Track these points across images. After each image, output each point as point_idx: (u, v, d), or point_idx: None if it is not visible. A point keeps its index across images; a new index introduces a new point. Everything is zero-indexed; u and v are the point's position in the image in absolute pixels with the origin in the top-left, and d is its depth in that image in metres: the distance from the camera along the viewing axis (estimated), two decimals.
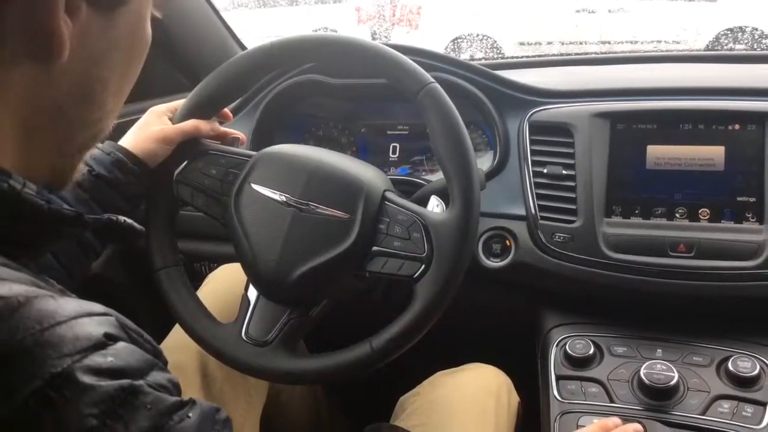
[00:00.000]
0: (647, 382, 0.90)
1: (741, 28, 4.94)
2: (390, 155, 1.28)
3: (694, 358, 0.96)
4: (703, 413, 0.88)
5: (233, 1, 4.60)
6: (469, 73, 1.19)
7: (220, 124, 0.98)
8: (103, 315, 0.45)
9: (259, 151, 0.91)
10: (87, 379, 0.40)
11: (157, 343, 0.50)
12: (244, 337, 0.87)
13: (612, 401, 0.92)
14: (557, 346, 1.02)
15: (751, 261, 0.95)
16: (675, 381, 0.90)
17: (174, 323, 0.96)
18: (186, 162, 0.92)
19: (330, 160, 0.88)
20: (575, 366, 0.98)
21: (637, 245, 1.00)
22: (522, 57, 1.70)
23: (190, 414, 0.46)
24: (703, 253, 0.98)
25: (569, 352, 0.98)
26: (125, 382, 0.42)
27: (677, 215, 1.02)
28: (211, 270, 1.13)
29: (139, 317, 0.50)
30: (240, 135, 1.01)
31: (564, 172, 1.05)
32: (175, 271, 0.92)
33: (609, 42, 5.39)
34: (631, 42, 5.16)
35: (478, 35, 5.74)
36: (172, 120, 0.94)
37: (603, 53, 1.78)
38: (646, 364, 0.92)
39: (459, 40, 5.67)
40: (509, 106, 1.16)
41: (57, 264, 0.82)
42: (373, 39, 1.01)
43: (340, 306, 0.90)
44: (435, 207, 0.88)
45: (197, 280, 1.06)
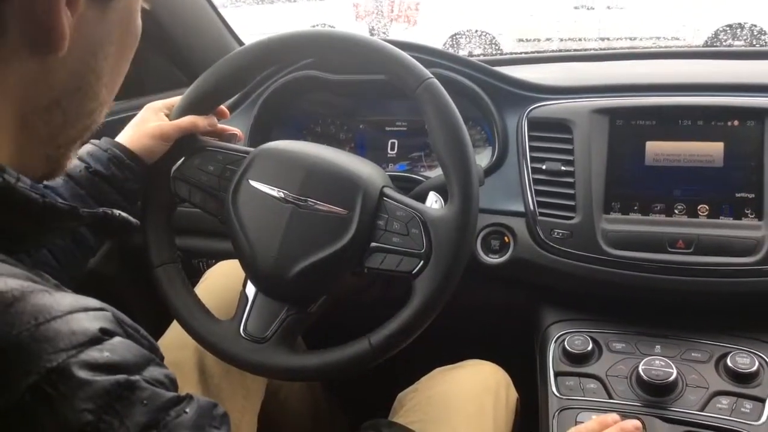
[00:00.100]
0: (646, 378, 0.90)
1: (740, 24, 4.94)
2: (388, 151, 1.27)
3: (692, 354, 0.96)
4: (702, 409, 0.88)
5: None
6: (468, 69, 1.18)
7: (217, 120, 0.98)
8: (99, 310, 0.45)
9: (257, 148, 0.90)
10: (83, 374, 0.40)
11: (155, 340, 0.50)
12: (242, 334, 0.87)
13: (610, 397, 0.92)
14: (556, 342, 1.02)
15: (750, 257, 0.95)
16: (673, 377, 0.90)
17: (171, 320, 0.96)
18: (183, 158, 0.92)
19: (328, 156, 0.88)
20: (574, 362, 0.98)
21: (636, 241, 1.00)
22: (520, 53, 1.70)
23: (187, 409, 0.46)
24: (702, 249, 0.98)
25: (568, 348, 0.98)
26: (121, 377, 0.42)
27: (676, 211, 1.02)
28: (209, 267, 1.13)
29: (136, 314, 0.50)
30: (237, 131, 1.01)
31: (563, 168, 1.05)
32: (173, 268, 0.92)
33: (608, 38, 5.39)
34: (630, 38, 5.15)
35: (476, 31, 5.74)
36: (169, 116, 0.93)
37: (602, 49, 1.77)
38: (644, 360, 0.92)
39: (457, 36, 5.67)
40: (508, 102, 1.16)
41: (53, 260, 0.81)
42: (371, 35, 1.01)
43: (338, 302, 0.89)
44: (434, 203, 0.88)
45: (195, 276, 1.06)
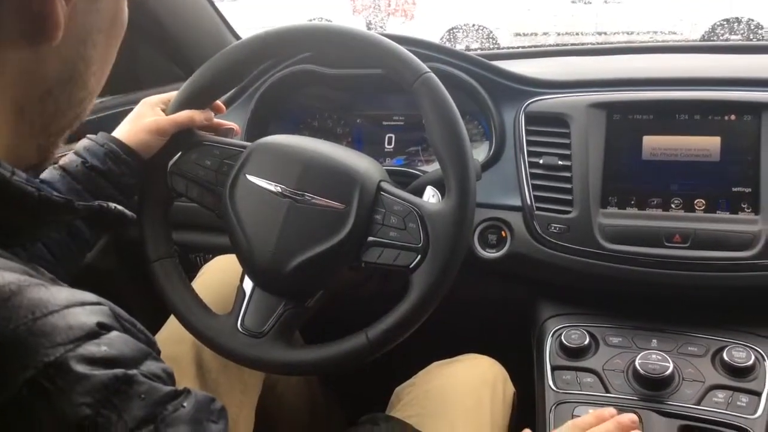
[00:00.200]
0: (642, 372, 0.90)
1: (737, 18, 4.94)
2: (385, 146, 1.27)
3: (689, 348, 0.96)
4: (698, 403, 0.89)
5: None
6: (465, 64, 1.18)
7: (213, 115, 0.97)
8: (96, 304, 0.45)
9: (254, 142, 0.90)
10: (80, 368, 0.40)
11: (152, 335, 0.50)
12: (239, 328, 0.87)
13: (607, 391, 0.93)
14: (552, 336, 1.02)
15: (747, 251, 0.96)
16: (670, 371, 0.90)
17: (168, 315, 0.96)
18: (180, 153, 0.92)
19: (325, 150, 0.88)
20: (570, 356, 0.98)
21: (633, 236, 1.00)
22: (518, 47, 1.70)
23: (184, 403, 0.46)
24: (699, 244, 0.98)
25: (564, 342, 0.98)
26: (119, 371, 0.42)
27: (673, 206, 1.02)
28: (206, 261, 1.13)
29: (134, 309, 0.50)
30: (234, 126, 1.01)
31: (560, 162, 1.05)
32: (170, 263, 0.92)
33: (605, 32, 5.39)
34: (627, 32, 5.15)
35: (473, 25, 5.74)
36: (165, 111, 0.93)
37: (599, 44, 1.77)
38: (641, 354, 0.93)
39: (455, 30, 5.66)
40: (505, 96, 1.16)
41: (48, 254, 0.81)
42: (369, 29, 1.00)
43: (335, 297, 0.89)
44: (431, 197, 0.88)
45: (192, 271, 1.06)
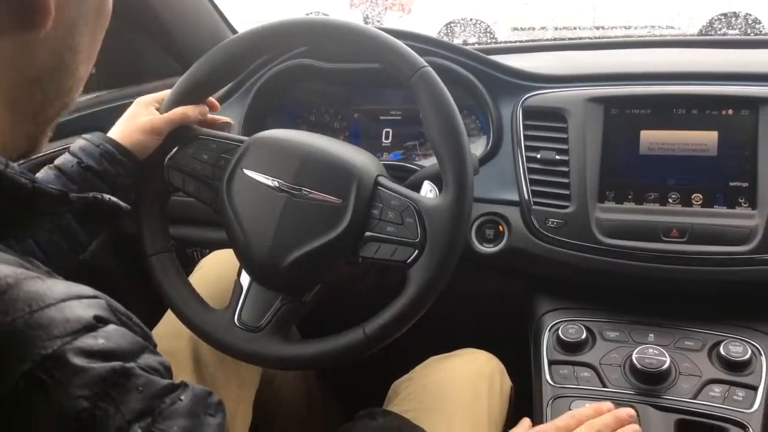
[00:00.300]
0: (639, 366, 0.91)
1: (735, 13, 4.94)
2: (383, 140, 1.27)
3: (686, 342, 0.96)
4: (695, 397, 0.89)
5: None
6: (463, 58, 1.18)
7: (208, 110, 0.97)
8: (93, 298, 0.45)
9: (251, 136, 0.90)
10: (78, 361, 0.40)
11: (149, 330, 0.50)
12: (236, 323, 0.87)
13: (604, 385, 0.93)
14: (550, 331, 1.02)
15: (744, 246, 0.96)
16: (667, 365, 0.90)
17: (165, 310, 0.96)
18: (177, 147, 0.92)
19: (323, 145, 0.88)
20: (568, 351, 0.98)
21: (630, 230, 1.00)
22: (515, 42, 1.69)
23: (182, 397, 0.46)
24: (696, 238, 0.98)
25: (562, 336, 0.99)
26: (116, 364, 0.42)
27: (670, 200, 1.02)
28: (203, 256, 1.12)
29: (130, 303, 0.50)
30: (229, 120, 1.00)
31: (557, 157, 1.05)
32: (167, 257, 0.91)
33: (603, 27, 5.39)
34: (625, 27, 5.15)
35: (471, 20, 5.73)
36: (159, 110, 0.93)
37: (596, 38, 1.77)
38: (638, 348, 0.93)
39: (452, 24, 5.66)
40: (503, 90, 1.16)
41: (39, 253, 0.80)
42: (366, 23, 1.00)
43: (333, 291, 0.89)
44: (428, 192, 0.87)
45: (189, 266, 1.05)
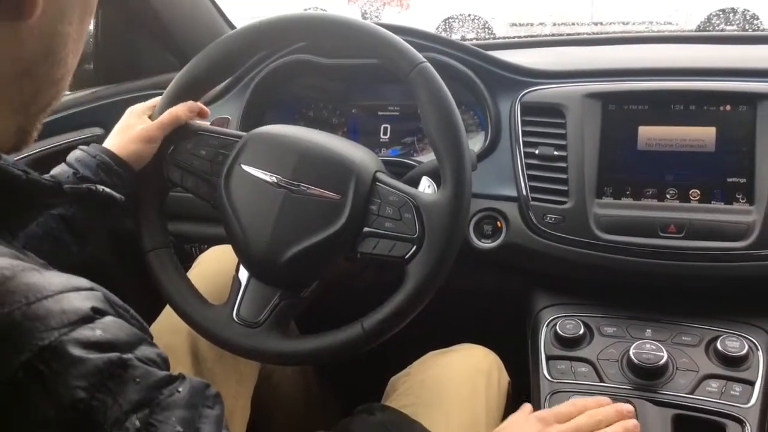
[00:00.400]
0: (636, 361, 0.91)
1: (733, 9, 4.94)
2: (381, 136, 1.27)
3: (683, 337, 0.96)
4: (692, 392, 0.89)
5: None
6: (461, 54, 1.18)
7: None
8: (90, 290, 0.45)
9: (249, 132, 0.90)
10: (76, 352, 0.41)
11: (148, 325, 0.50)
12: (235, 319, 0.87)
13: (601, 381, 0.93)
14: (547, 326, 1.02)
15: (741, 241, 0.96)
16: (664, 361, 0.90)
17: (164, 305, 0.96)
18: (175, 143, 0.92)
19: (321, 140, 0.88)
20: (565, 346, 0.98)
21: (628, 226, 1.01)
22: (513, 37, 1.69)
23: (180, 389, 0.46)
24: (694, 234, 0.98)
25: (559, 332, 0.99)
26: (114, 355, 0.42)
27: (668, 196, 1.02)
28: (202, 252, 1.12)
29: (129, 300, 0.50)
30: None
31: (555, 153, 1.05)
32: (165, 253, 0.91)
33: (601, 23, 5.39)
34: (623, 23, 5.15)
35: (469, 15, 5.73)
36: (151, 117, 0.93)
37: (595, 34, 1.77)
38: (635, 343, 0.93)
39: (450, 20, 5.65)
40: (501, 86, 1.16)
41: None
42: (364, 19, 1.00)
43: (331, 287, 0.90)
44: (426, 188, 0.87)
45: (188, 261, 1.05)
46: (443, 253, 0.80)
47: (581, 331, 0.98)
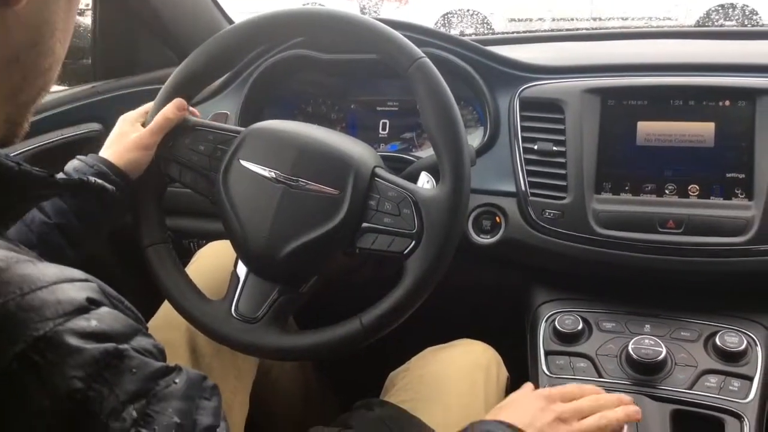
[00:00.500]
0: (635, 357, 0.91)
1: (732, 4, 4.94)
2: (380, 132, 1.27)
3: (681, 333, 0.97)
4: (691, 387, 0.89)
5: None
6: (460, 49, 1.18)
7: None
8: (84, 281, 0.45)
9: (248, 127, 0.90)
10: (72, 341, 0.41)
11: (146, 321, 0.50)
12: (233, 314, 0.87)
13: (600, 376, 0.93)
14: (546, 321, 1.02)
15: (740, 237, 0.96)
16: (663, 356, 0.90)
17: (162, 301, 0.96)
18: (174, 138, 0.91)
19: (320, 136, 0.88)
20: (564, 341, 0.98)
21: (627, 221, 1.01)
22: (512, 33, 1.69)
23: (176, 380, 0.46)
24: (692, 230, 0.98)
25: (558, 327, 0.99)
26: (110, 345, 0.42)
27: (667, 191, 1.02)
28: (200, 247, 1.12)
29: (127, 294, 0.50)
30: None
31: (554, 148, 1.05)
32: (164, 248, 0.91)
33: (600, 18, 5.39)
34: (622, 18, 5.15)
35: (468, 10, 5.72)
36: (144, 124, 0.93)
37: (594, 29, 1.77)
38: (634, 339, 0.93)
39: (449, 15, 5.65)
40: (500, 81, 1.16)
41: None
42: (363, 14, 1.00)
43: (329, 282, 0.89)
44: (425, 183, 0.87)
45: (186, 257, 1.05)
46: (442, 249, 0.80)
47: (580, 327, 0.98)
